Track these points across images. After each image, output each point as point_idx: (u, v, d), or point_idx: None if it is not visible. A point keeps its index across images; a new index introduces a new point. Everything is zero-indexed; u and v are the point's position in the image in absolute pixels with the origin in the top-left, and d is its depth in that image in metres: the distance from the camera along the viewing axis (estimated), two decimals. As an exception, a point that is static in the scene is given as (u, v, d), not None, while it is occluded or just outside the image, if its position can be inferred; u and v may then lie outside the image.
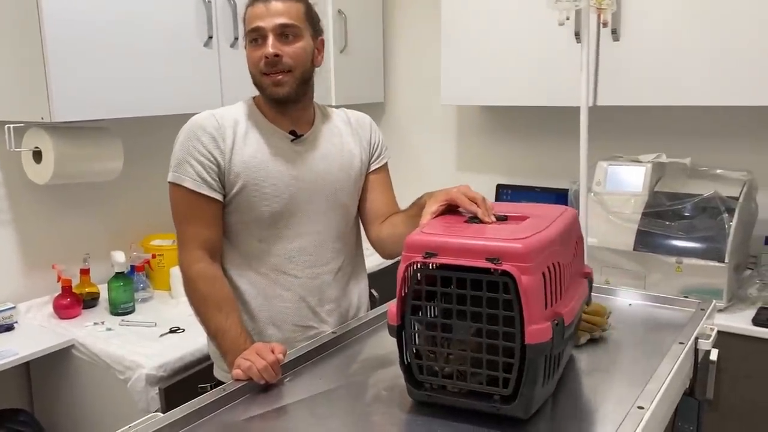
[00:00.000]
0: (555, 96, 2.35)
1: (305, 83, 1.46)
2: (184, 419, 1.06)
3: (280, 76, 1.40)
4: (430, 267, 1.03)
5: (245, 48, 1.46)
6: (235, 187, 1.43)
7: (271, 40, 1.39)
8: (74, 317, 2.13)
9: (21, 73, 1.92)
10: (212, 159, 1.41)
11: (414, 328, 1.06)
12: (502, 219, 1.18)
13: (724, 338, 1.82)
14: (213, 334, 1.40)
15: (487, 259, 0.97)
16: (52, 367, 2.07)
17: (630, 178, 2.23)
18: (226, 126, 1.44)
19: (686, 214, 2.09)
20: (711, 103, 2.09)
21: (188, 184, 1.41)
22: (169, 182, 1.44)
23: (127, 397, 1.80)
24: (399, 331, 1.06)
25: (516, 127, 2.83)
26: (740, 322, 1.95)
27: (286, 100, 1.44)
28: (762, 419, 1.94)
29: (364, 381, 1.21)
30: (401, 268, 1.04)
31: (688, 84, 2.10)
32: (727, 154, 2.35)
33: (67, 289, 2.14)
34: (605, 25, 1.93)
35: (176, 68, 2.15)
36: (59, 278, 2.15)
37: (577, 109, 2.03)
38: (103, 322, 2.08)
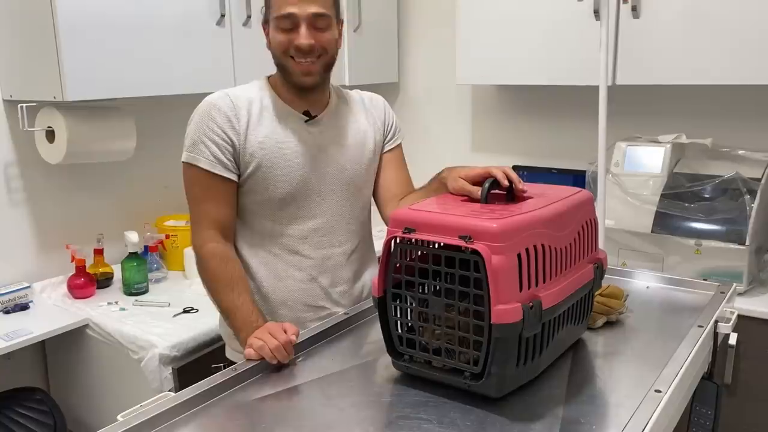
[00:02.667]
0: (573, 75, 2.30)
1: (329, 69, 1.46)
2: (195, 399, 1.06)
3: (310, 66, 1.40)
4: (412, 242, 1.05)
5: (264, 27, 1.44)
6: (250, 168, 1.42)
7: (304, 29, 1.37)
8: (88, 297, 2.13)
9: (33, 52, 1.91)
10: (227, 139, 1.40)
11: (395, 301, 1.09)
12: (510, 199, 1.18)
13: (743, 322, 1.79)
14: (225, 312, 1.40)
15: (460, 237, 0.98)
16: (66, 347, 2.08)
17: (649, 159, 2.19)
18: (241, 106, 1.42)
19: (706, 195, 2.05)
20: (733, 82, 2.04)
21: (203, 164, 1.40)
22: (183, 162, 1.43)
23: (140, 377, 1.81)
24: (380, 303, 1.09)
25: (533, 107, 2.79)
26: (760, 305, 1.91)
27: (313, 88, 1.44)
28: (781, 404, 1.91)
29: (376, 362, 1.20)
30: (385, 241, 1.07)
31: (710, 62, 2.05)
32: (749, 135, 2.30)
33: (81, 269, 2.15)
34: (625, 1, 1.89)
35: (189, 47, 2.14)
36: (73, 258, 2.15)
37: (595, 89, 2.00)
38: (116, 302, 2.09)
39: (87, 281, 2.15)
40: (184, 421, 1.03)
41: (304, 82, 1.42)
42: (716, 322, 1.30)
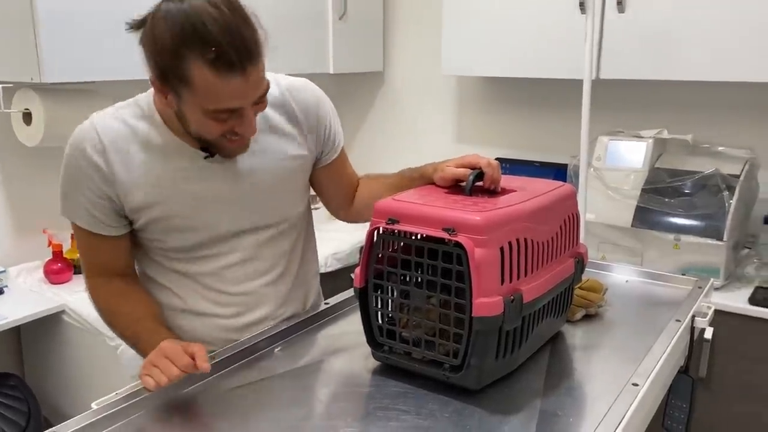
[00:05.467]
0: (557, 68, 2.30)
1: None
2: (172, 387, 1.04)
3: (245, 140, 1.15)
4: (395, 233, 1.04)
5: (163, 86, 1.09)
6: (139, 222, 1.20)
7: (251, 116, 1.10)
8: (65, 282, 2.11)
9: (10, 32, 1.87)
10: (101, 194, 1.16)
11: (375, 292, 1.09)
12: (494, 192, 1.17)
13: (720, 317, 1.81)
14: (133, 344, 1.23)
15: (444, 229, 0.97)
16: (42, 332, 2.06)
17: (630, 154, 2.21)
18: (112, 150, 1.15)
19: (686, 191, 2.07)
20: (715, 79, 2.06)
21: (81, 223, 1.19)
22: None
23: (117, 364, 1.79)
24: (361, 294, 1.09)
25: (517, 99, 2.79)
26: (736, 301, 1.94)
27: None
28: (755, 398, 1.94)
29: (356, 353, 1.20)
30: (368, 232, 1.06)
31: (693, 59, 2.06)
32: (729, 132, 2.32)
33: (57, 254, 2.12)
34: (611, -5, 1.89)
35: (171, 31, 2.10)
36: (50, 243, 2.13)
37: (579, 83, 2.00)
38: (94, 288, 2.06)
39: (64, 266, 2.12)
40: (160, 409, 1.02)
41: (234, 155, 1.19)
42: (693, 316, 1.32)
